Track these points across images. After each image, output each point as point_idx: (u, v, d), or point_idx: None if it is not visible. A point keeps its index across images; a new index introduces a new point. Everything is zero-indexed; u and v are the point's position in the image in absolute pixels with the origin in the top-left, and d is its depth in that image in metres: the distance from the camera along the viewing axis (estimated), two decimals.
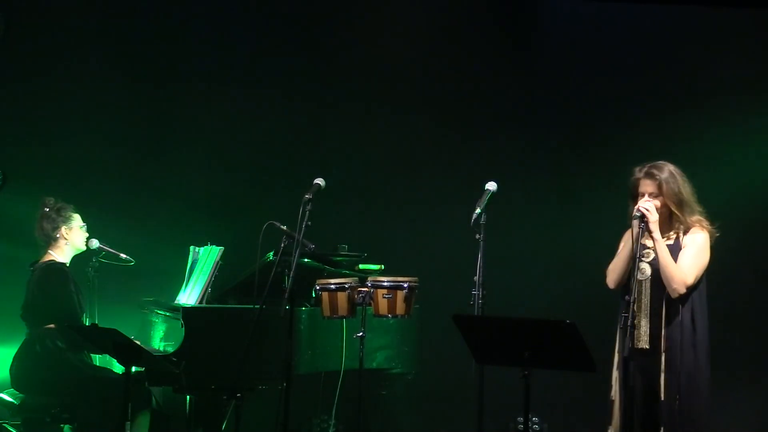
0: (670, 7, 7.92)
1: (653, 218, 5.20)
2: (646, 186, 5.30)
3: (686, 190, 5.32)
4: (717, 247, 5.36)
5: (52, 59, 7.60)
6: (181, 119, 7.80)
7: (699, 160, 7.19)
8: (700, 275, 5.26)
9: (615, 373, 5.34)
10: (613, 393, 5.34)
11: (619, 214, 5.47)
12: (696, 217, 5.33)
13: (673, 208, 5.28)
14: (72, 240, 6.27)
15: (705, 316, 5.29)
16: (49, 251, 6.24)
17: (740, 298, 7.52)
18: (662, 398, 5.18)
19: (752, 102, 7.79)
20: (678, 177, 5.32)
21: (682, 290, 5.19)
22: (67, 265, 6.27)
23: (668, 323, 5.22)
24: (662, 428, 5.19)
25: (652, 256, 5.29)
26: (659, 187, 5.27)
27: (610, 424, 5.34)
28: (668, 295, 5.22)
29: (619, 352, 5.30)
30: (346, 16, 7.99)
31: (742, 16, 7.87)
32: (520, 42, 8.09)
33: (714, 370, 5.34)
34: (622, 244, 5.44)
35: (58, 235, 6.23)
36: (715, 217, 5.40)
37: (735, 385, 7.27)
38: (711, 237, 5.33)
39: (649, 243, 5.29)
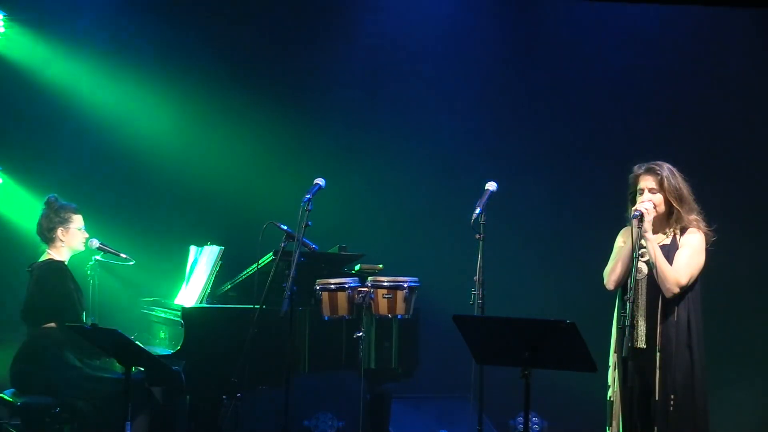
0: (670, 8, 7.92)
1: (649, 218, 5.20)
2: (647, 181, 5.29)
3: (686, 187, 5.32)
4: (716, 247, 5.36)
5: (53, 58, 7.60)
6: (181, 119, 7.79)
7: (699, 160, 7.20)
8: (695, 276, 5.24)
9: (612, 374, 5.33)
10: (611, 393, 5.33)
11: (619, 215, 5.46)
12: (694, 217, 5.31)
13: (674, 204, 5.26)
14: (68, 241, 6.22)
15: (701, 316, 5.28)
16: (48, 251, 6.23)
17: (740, 297, 7.53)
18: (656, 397, 5.18)
19: (754, 101, 7.79)
20: (677, 174, 5.32)
21: (676, 290, 5.18)
22: (66, 263, 6.26)
23: (664, 322, 5.21)
24: (656, 428, 5.18)
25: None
26: (660, 182, 5.27)
27: (609, 424, 5.32)
28: (664, 294, 5.22)
29: (615, 352, 5.29)
30: (348, 13, 8.00)
31: (743, 16, 7.87)
32: (521, 42, 8.09)
33: (712, 370, 5.33)
34: (620, 243, 5.43)
35: (54, 236, 6.20)
36: (713, 218, 5.39)
37: (734, 385, 7.27)
38: (708, 239, 5.32)
39: (645, 242, 5.28)
